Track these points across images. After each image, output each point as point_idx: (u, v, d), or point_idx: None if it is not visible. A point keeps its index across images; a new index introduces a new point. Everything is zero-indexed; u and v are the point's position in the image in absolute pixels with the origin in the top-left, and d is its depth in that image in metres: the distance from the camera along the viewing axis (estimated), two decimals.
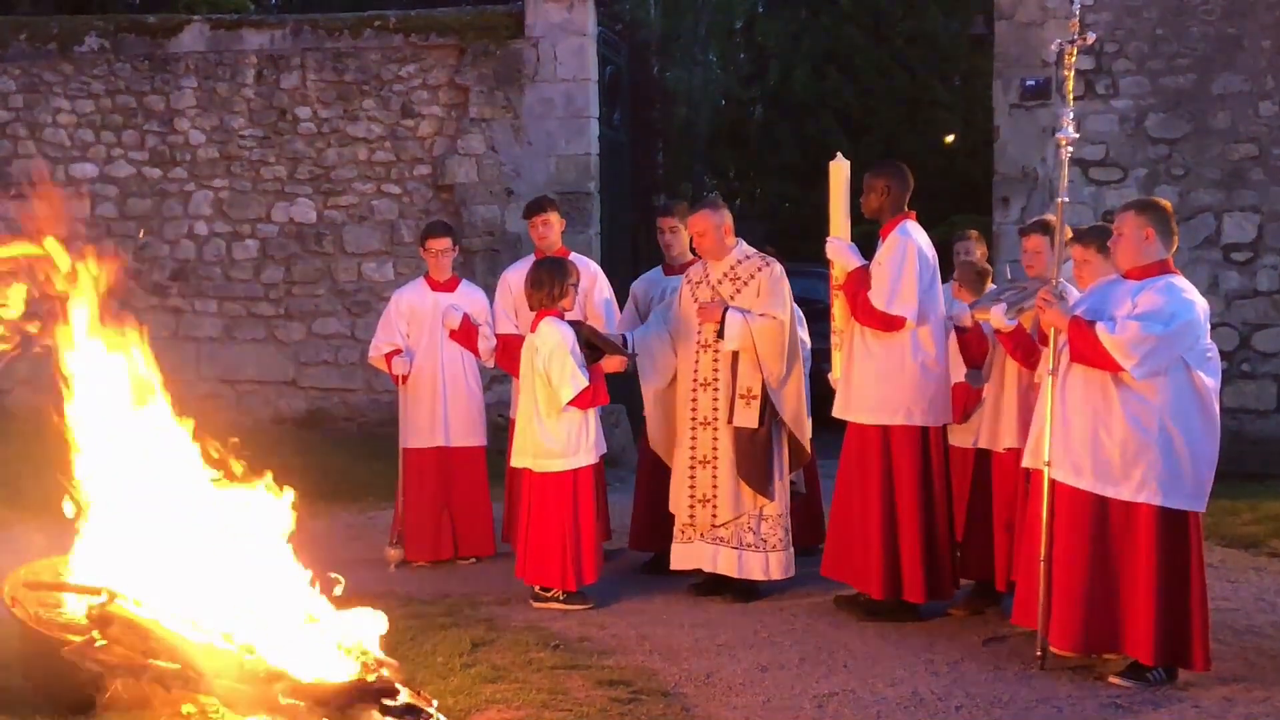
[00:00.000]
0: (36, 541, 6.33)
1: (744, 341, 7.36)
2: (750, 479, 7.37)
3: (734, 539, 7.47)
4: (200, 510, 5.64)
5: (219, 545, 5.55)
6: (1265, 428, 11.63)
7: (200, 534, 5.56)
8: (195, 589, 5.41)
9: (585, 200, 12.79)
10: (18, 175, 13.50)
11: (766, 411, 7.38)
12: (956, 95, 21.17)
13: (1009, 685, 6.03)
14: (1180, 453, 5.86)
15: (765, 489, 7.37)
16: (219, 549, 5.54)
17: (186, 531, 5.55)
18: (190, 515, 5.61)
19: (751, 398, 7.37)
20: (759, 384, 7.38)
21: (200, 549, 5.52)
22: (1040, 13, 11.83)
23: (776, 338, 7.40)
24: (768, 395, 7.37)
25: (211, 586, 5.42)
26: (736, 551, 7.46)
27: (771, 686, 6.03)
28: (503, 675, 6.01)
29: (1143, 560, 5.89)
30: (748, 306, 7.42)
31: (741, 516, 7.44)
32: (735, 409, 7.40)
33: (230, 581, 5.46)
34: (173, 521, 5.58)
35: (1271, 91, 11.56)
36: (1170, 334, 5.79)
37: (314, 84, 13.22)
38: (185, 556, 5.50)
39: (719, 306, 7.41)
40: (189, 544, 5.53)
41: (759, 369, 7.37)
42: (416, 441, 8.60)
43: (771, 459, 7.42)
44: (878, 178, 7.18)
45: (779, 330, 7.40)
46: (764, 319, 7.38)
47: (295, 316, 13.41)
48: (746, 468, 7.38)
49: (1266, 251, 11.63)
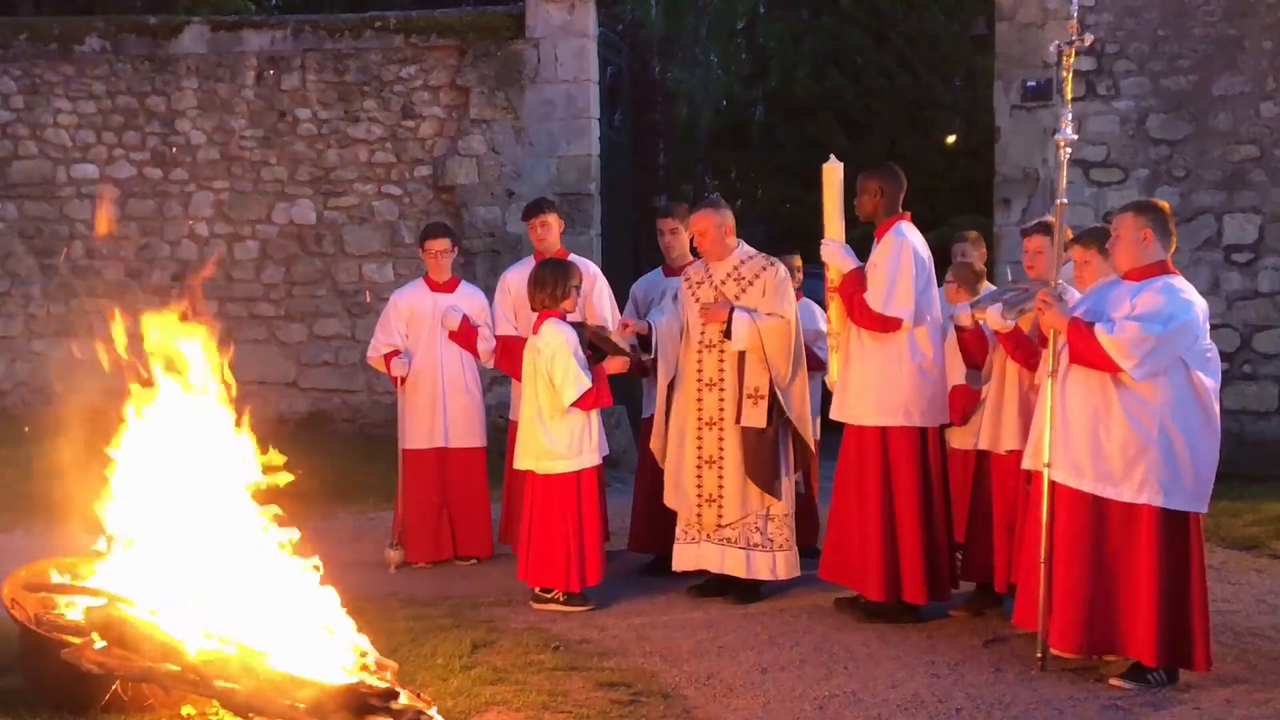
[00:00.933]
0: (32, 544, 6.34)
1: (751, 341, 7.35)
2: (758, 478, 7.36)
3: (741, 539, 7.47)
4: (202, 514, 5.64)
5: (219, 548, 5.56)
6: (1266, 429, 11.63)
7: (200, 538, 5.56)
8: (196, 592, 5.41)
9: (586, 201, 12.80)
10: (18, 176, 13.53)
11: (774, 411, 7.38)
12: (958, 96, 21.13)
13: (1009, 687, 6.03)
14: (1180, 453, 5.85)
15: (773, 488, 7.37)
16: (219, 551, 5.54)
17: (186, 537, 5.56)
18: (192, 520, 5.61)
19: (759, 397, 7.37)
20: (766, 384, 7.37)
21: (201, 552, 5.52)
22: (1041, 13, 11.83)
23: (784, 337, 7.40)
24: (775, 395, 7.37)
25: (212, 589, 5.42)
26: (744, 552, 7.47)
27: (772, 688, 6.02)
28: (503, 677, 6.00)
29: (1143, 561, 5.89)
30: (753, 306, 7.42)
31: (748, 516, 7.44)
32: (743, 409, 7.39)
33: (230, 584, 5.46)
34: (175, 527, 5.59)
35: (1272, 92, 11.57)
36: (1168, 334, 5.79)
37: (314, 85, 13.22)
38: (186, 560, 5.50)
39: (724, 307, 7.41)
40: (189, 549, 5.53)
41: (766, 369, 7.37)
42: (416, 443, 8.60)
43: (779, 458, 7.43)
44: (871, 180, 7.18)
45: (786, 330, 7.41)
46: (771, 318, 7.38)
47: (296, 317, 13.42)
48: (754, 467, 7.37)
49: (1267, 253, 11.63)
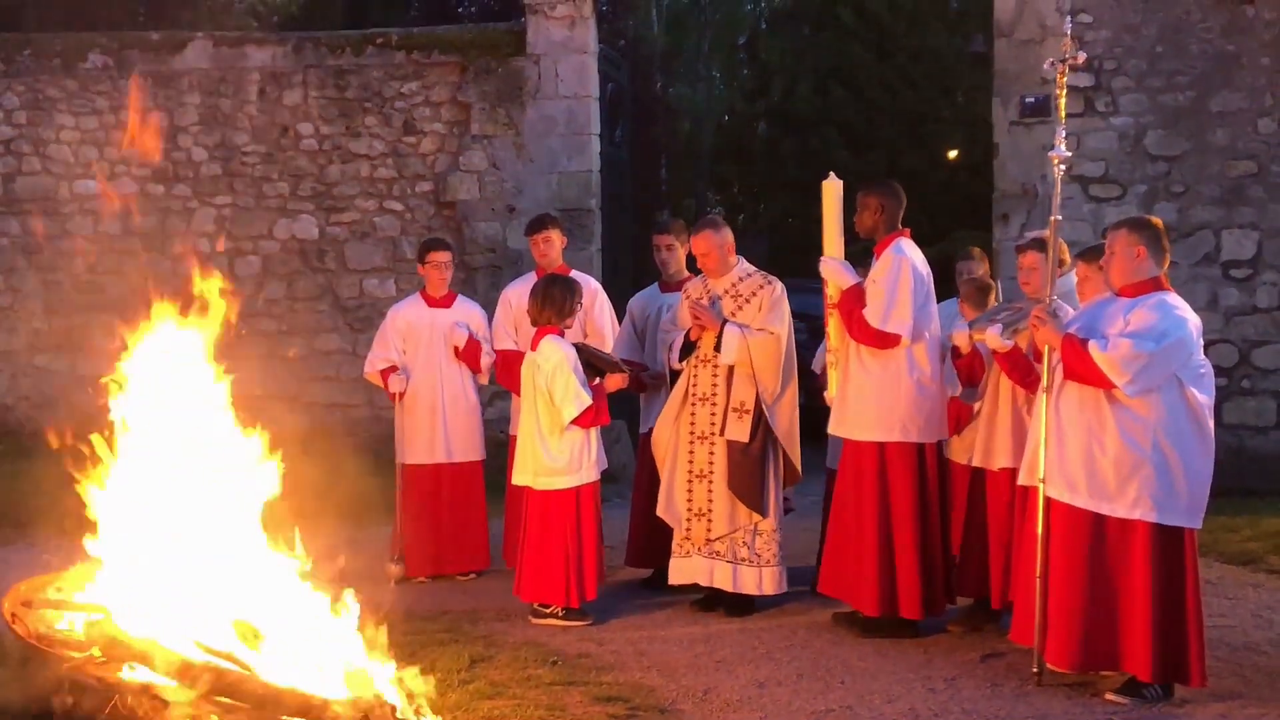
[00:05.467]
0: (35, 558, 6.36)
1: (740, 356, 7.40)
2: (741, 493, 7.40)
3: (729, 553, 7.51)
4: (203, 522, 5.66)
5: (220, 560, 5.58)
6: (1265, 444, 11.63)
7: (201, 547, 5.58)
8: (196, 605, 5.43)
9: (586, 217, 12.84)
10: (22, 191, 13.58)
11: (760, 426, 7.41)
12: (959, 111, 21.18)
13: (1005, 702, 6.05)
14: (1175, 469, 5.88)
15: (757, 504, 7.40)
16: (220, 564, 5.57)
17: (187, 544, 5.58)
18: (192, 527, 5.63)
19: (744, 412, 7.41)
20: (753, 398, 7.42)
21: (202, 564, 5.54)
22: (1039, 30, 11.87)
23: (773, 353, 7.44)
24: (761, 410, 7.41)
25: (212, 603, 5.44)
26: (732, 566, 7.50)
27: (769, 703, 6.04)
28: (501, 691, 6.03)
29: (1138, 577, 5.91)
30: (747, 323, 7.47)
31: (736, 531, 7.48)
32: (728, 422, 7.44)
33: (231, 598, 5.48)
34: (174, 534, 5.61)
35: (1270, 109, 11.59)
36: (1162, 351, 5.82)
37: (316, 101, 13.27)
38: (187, 572, 5.52)
39: (717, 318, 7.45)
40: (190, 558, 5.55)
41: (753, 384, 7.42)
42: (416, 457, 8.63)
43: (765, 474, 7.45)
44: (870, 196, 7.22)
45: (776, 345, 7.45)
46: (761, 334, 7.43)
47: (297, 333, 13.44)
48: (738, 481, 7.41)
49: (1266, 268, 11.64)
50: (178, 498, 5.71)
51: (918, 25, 21.46)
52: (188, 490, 5.73)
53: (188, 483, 5.76)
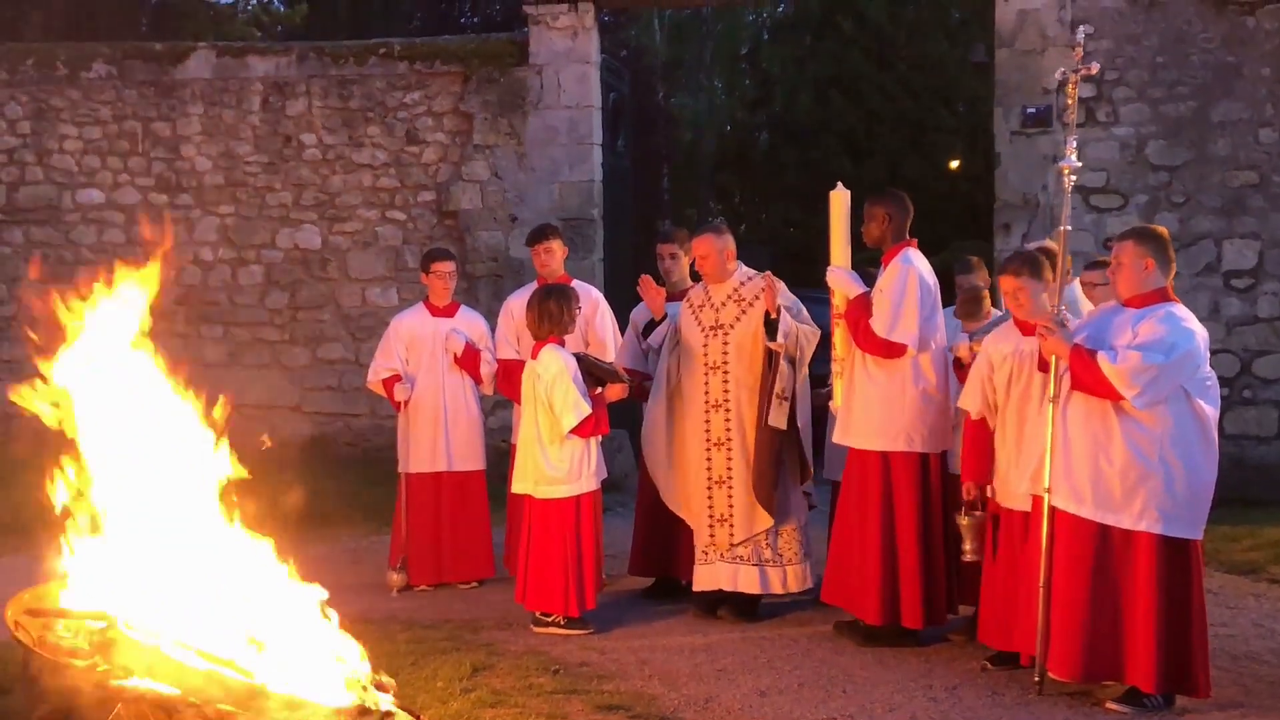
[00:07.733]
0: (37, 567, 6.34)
1: (789, 341, 7.44)
2: (761, 491, 7.46)
3: (753, 556, 7.57)
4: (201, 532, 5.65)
5: (219, 568, 5.58)
6: (1266, 454, 11.63)
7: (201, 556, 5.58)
8: (197, 613, 5.43)
9: (588, 226, 12.85)
10: (25, 201, 13.60)
11: (795, 416, 7.49)
12: (960, 121, 21.24)
13: (1007, 711, 6.05)
14: (1180, 481, 5.88)
15: (771, 503, 7.47)
16: (219, 572, 5.57)
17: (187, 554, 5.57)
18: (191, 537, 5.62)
19: (785, 399, 7.44)
20: (792, 387, 7.48)
21: (201, 572, 5.54)
22: (1041, 40, 11.89)
23: (813, 345, 7.54)
24: (795, 399, 7.48)
25: (213, 610, 5.44)
26: (757, 568, 7.56)
27: (770, 712, 6.04)
28: (503, 700, 6.03)
29: (1143, 588, 5.90)
30: (754, 327, 7.50)
31: (758, 534, 7.50)
32: (771, 409, 7.45)
33: (231, 605, 5.48)
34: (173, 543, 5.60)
35: (1271, 119, 11.60)
36: (1171, 364, 5.83)
37: (319, 110, 13.30)
38: (186, 580, 5.52)
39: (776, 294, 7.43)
40: (190, 567, 5.55)
41: (794, 372, 7.47)
42: (419, 466, 8.64)
43: (783, 472, 7.52)
44: (879, 206, 7.23)
45: (815, 339, 7.55)
46: (807, 326, 7.53)
47: (299, 342, 13.47)
48: (762, 465, 7.46)
49: (1267, 278, 11.65)
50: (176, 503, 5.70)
51: (919, 35, 21.53)
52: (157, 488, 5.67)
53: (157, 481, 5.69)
